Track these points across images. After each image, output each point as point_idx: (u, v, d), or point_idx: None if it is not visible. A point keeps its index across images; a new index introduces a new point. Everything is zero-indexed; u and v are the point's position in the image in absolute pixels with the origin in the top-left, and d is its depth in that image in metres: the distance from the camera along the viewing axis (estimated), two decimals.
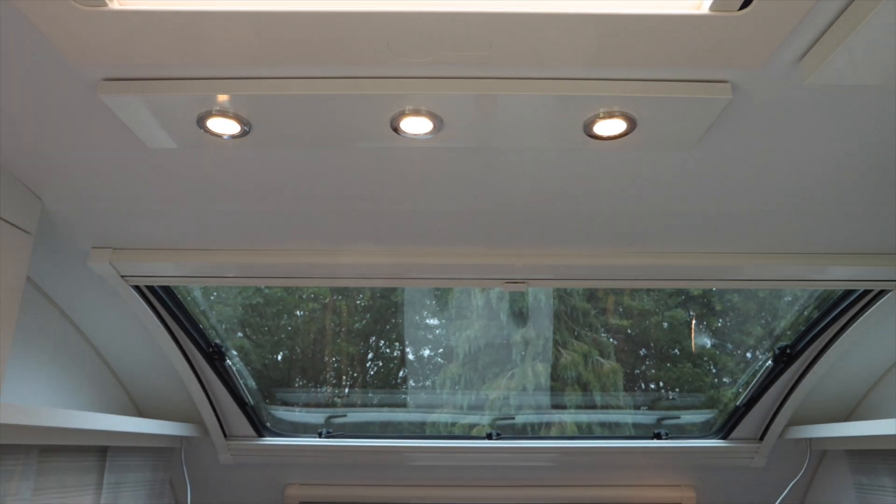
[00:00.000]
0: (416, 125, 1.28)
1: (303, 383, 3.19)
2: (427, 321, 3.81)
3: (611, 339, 4.24)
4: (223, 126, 1.28)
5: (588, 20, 1.03)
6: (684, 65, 1.13)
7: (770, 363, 2.37)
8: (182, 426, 2.39)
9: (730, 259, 1.86)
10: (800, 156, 1.42)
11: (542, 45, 1.09)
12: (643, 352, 4.01)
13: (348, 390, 3.39)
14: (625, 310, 3.88)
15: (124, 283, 1.93)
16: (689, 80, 1.18)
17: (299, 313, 3.20)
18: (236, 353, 2.56)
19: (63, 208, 1.66)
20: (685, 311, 3.50)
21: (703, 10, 1.01)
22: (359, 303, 3.41)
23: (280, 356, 3.19)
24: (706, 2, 1.00)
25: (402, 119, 1.26)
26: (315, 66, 1.15)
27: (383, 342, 3.66)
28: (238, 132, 1.30)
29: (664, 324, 3.70)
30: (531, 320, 3.87)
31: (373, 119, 1.26)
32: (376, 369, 3.69)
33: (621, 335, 4.13)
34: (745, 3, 0.99)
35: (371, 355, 3.65)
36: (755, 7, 0.99)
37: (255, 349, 2.89)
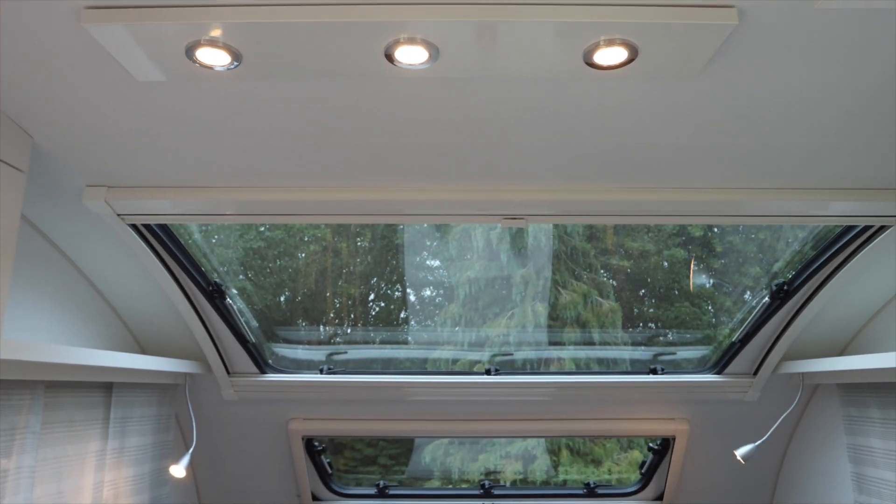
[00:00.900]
0: (411, 54, 1.24)
1: (305, 324, 3.23)
2: (428, 262, 3.83)
3: (610, 280, 4.27)
4: (213, 57, 1.24)
5: None
6: None
7: (766, 300, 2.39)
8: (185, 363, 2.43)
9: (731, 194, 1.84)
10: (805, 88, 1.38)
11: None
12: (643, 292, 4.04)
13: (350, 330, 3.43)
14: (625, 250, 3.88)
15: (121, 222, 1.92)
16: (693, 6, 1.14)
17: (301, 255, 3.21)
18: (237, 292, 2.58)
19: (55, 145, 1.64)
20: (685, 251, 3.50)
21: None
22: (360, 244, 3.41)
23: (282, 298, 3.22)
24: None
25: (396, 48, 1.22)
26: None
27: (384, 283, 3.68)
28: (228, 63, 1.26)
29: (664, 263, 3.71)
30: (531, 261, 3.89)
31: (366, 48, 1.22)
32: (378, 310, 3.73)
33: (621, 275, 4.15)
34: None
35: (372, 296, 3.69)
36: None
37: (257, 291, 2.92)
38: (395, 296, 3.74)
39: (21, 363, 1.60)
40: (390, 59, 1.25)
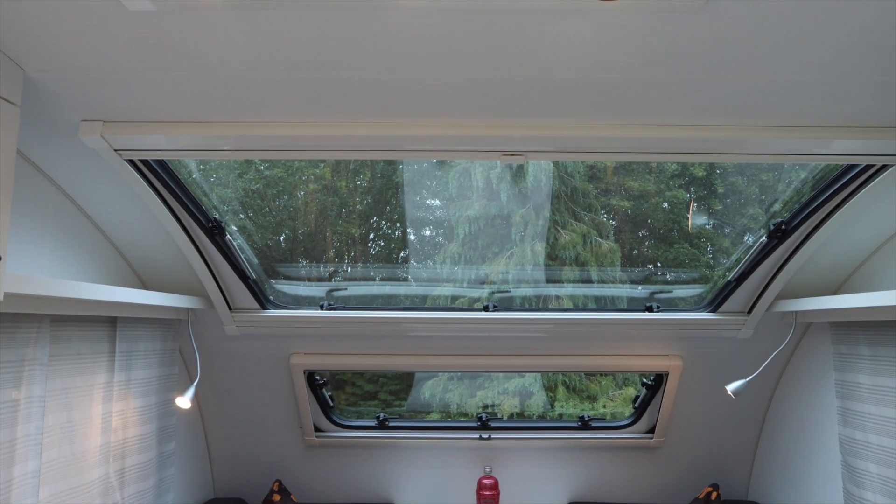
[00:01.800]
0: None
1: (305, 262, 3.26)
2: (427, 202, 3.82)
3: (610, 220, 4.27)
4: None
5: None
6: None
7: (764, 239, 2.40)
8: (187, 299, 2.46)
9: (733, 132, 1.82)
10: (810, 22, 1.35)
11: None
12: (642, 232, 4.05)
13: (350, 268, 3.46)
14: (626, 190, 3.87)
15: (118, 157, 1.91)
16: None
17: (300, 195, 3.20)
18: (237, 230, 2.59)
19: (48, 78, 1.61)
20: (686, 192, 3.49)
21: None
22: (359, 184, 3.40)
23: (282, 237, 3.23)
24: None
25: None
26: None
27: (384, 222, 3.69)
28: None
29: (664, 204, 3.70)
30: (531, 200, 3.88)
31: None
32: (378, 248, 3.75)
33: (621, 216, 4.15)
34: None
35: (372, 235, 3.70)
36: None
37: (258, 230, 2.93)
38: (396, 235, 3.76)
39: (26, 297, 1.63)
40: None
